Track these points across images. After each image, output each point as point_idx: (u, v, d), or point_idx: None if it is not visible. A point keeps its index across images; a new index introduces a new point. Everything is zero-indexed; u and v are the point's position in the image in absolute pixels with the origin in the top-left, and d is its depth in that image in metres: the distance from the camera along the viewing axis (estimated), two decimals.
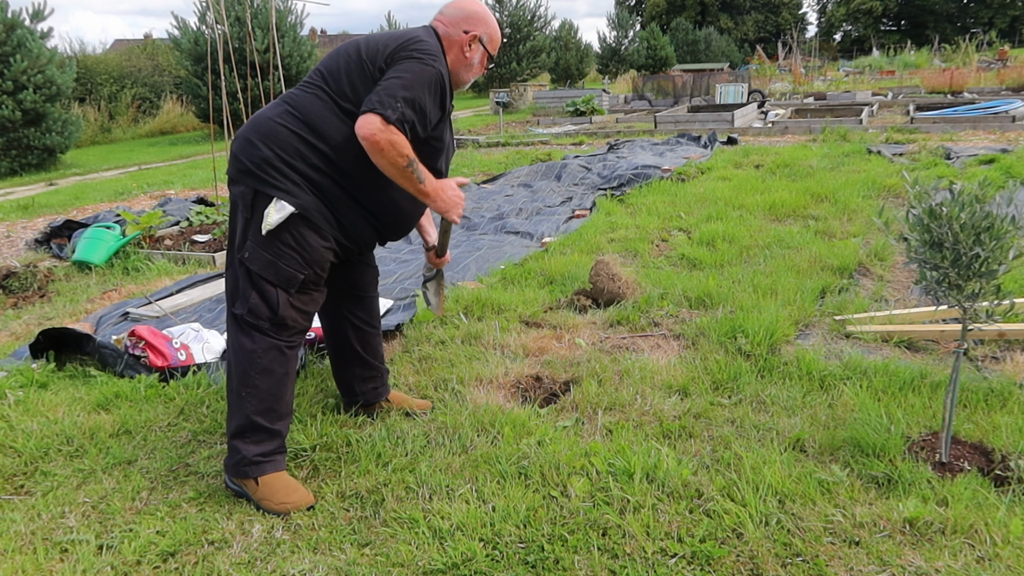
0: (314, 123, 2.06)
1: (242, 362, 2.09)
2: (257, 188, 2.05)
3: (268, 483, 2.08)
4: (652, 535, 1.86)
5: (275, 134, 2.06)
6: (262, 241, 2.04)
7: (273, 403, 2.11)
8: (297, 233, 2.05)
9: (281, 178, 2.04)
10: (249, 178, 2.06)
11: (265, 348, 2.08)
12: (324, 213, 2.09)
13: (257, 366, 2.08)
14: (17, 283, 4.45)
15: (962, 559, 1.73)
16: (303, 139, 2.06)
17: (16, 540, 1.99)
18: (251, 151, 2.06)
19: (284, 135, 2.06)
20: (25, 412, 2.72)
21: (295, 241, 2.05)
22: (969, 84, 16.49)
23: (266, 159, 2.04)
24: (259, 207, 2.05)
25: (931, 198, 1.89)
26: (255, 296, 2.06)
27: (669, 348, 3.07)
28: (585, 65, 29.79)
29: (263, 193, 2.04)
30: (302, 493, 2.09)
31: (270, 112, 2.12)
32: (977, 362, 2.80)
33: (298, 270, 2.06)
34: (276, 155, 2.04)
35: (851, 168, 6.87)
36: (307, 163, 2.06)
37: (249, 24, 7.12)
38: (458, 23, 2.20)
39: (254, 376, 2.08)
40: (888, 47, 37.33)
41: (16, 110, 11.56)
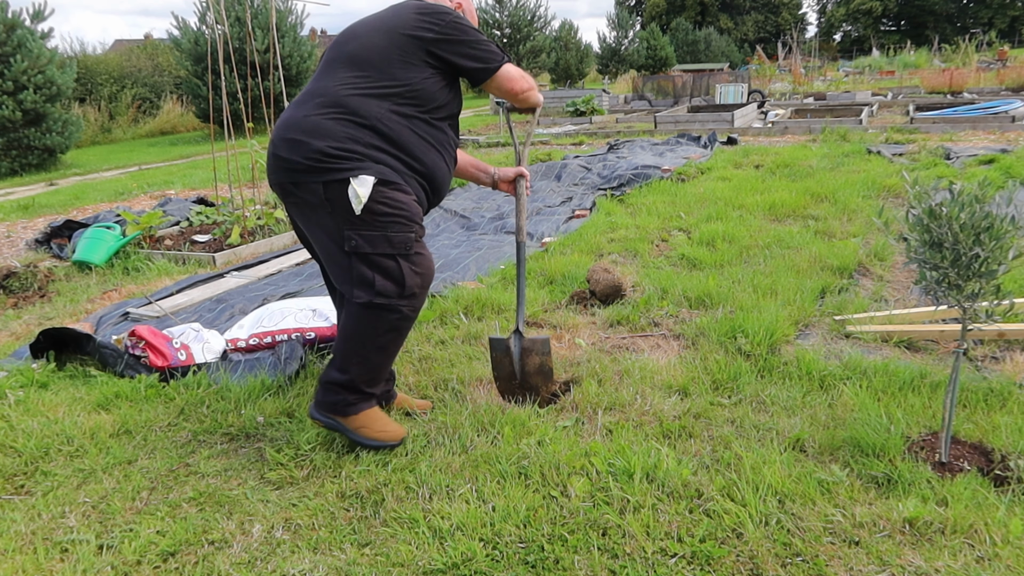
0: (354, 109, 2.11)
1: (362, 340, 2.17)
2: (325, 180, 2.07)
3: (367, 415, 2.24)
4: (652, 535, 1.86)
5: (321, 127, 2.09)
6: (360, 223, 2.07)
7: (378, 374, 2.25)
8: (387, 198, 2.09)
9: (344, 161, 2.07)
10: (312, 174, 2.08)
11: (387, 327, 2.15)
12: (397, 169, 2.15)
13: (376, 345, 2.18)
14: (17, 283, 4.46)
15: (962, 559, 1.73)
16: (350, 123, 2.10)
17: (16, 540, 1.99)
18: (303, 149, 2.08)
19: (330, 126, 2.09)
20: (25, 412, 2.72)
21: (390, 206, 2.09)
22: (969, 84, 16.49)
23: (321, 150, 2.07)
24: (336, 196, 2.07)
25: (931, 198, 1.89)
26: (379, 278, 2.11)
27: (669, 348, 3.07)
28: (585, 65, 29.78)
29: (333, 182, 2.07)
30: (397, 426, 2.30)
31: (304, 111, 2.14)
32: (977, 362, 2.80)
33: (407, 231, 2.12)
34: (330, 145, 2.07)
35: (851, 168, 6.87)
36: (362, 144, 2.10)
37: (249, 24, 7.12)
38: None
39: (371, 353, 2.19)
40: (888, 47, 37.34)
41: (16, 110, 11.56)
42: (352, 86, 2.14)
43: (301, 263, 4.90)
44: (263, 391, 2.78)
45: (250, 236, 5.40)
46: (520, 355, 2.59)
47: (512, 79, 2.32)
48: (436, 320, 3.49)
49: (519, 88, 2.34)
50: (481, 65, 2.24)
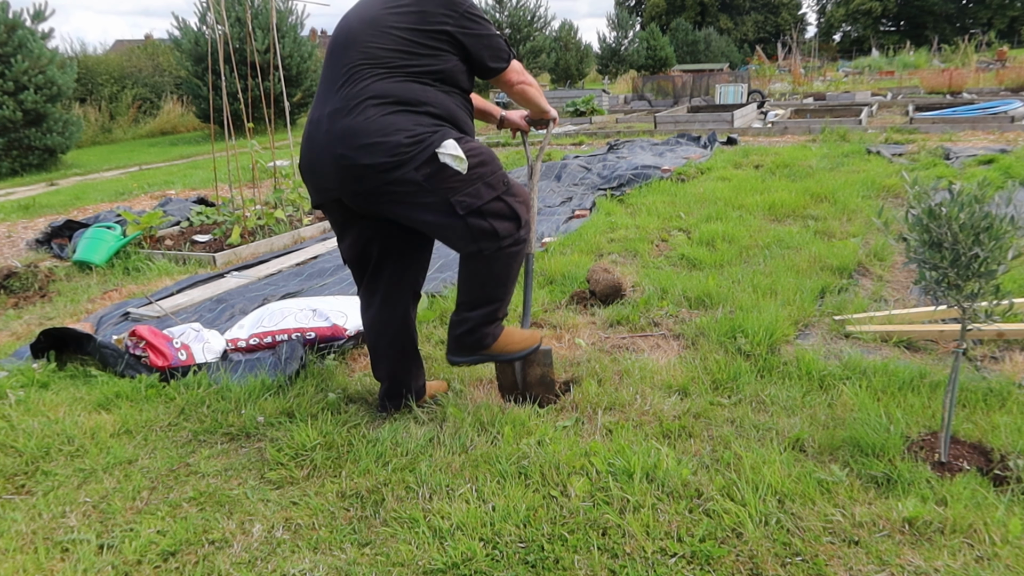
0: (408, 99, 2.16)
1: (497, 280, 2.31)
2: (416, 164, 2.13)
3: (505, 336, 2.43)
4: (652, 535, 1.86)
5: (391, 123, 2.13)
6: (460, 183, 2.16)
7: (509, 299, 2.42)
8: (472, 150, 2.20)
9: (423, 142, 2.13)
10: (403, 167, 2.12)
11: (518, 258, 2.33)
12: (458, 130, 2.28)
13: (511, 275, 2.34)
14: (18, 283, 4.46)
15: (961, 558, 1.73)
16: (409, 112, 2.15)
17: (17, 539, 1.99)
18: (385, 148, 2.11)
19: (396, 120, 2.13)
20: (26, 412, 2.72)
21: (474, 155, 2.19)
22: (968, 84, 16.49)
23: (401, 143, 2.11)
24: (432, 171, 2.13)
25: (930, 198, 1.89)
26: (497, 223, 2.22)
27: (669, 348, 3.07)
28: (585, 65, 29.79)
29: (424, 161, 2.13)
30: (531, 333, 2.52)
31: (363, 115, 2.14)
32: (976, 362, 2.80)
33: (496, 170, 2.26)
34: (406, 135, 2.12)
35: (850, 168, 6.88)
36: (424, 125, 2.16)
37: (249, 24, 7.12)
38: None
39: (509, 285, 2.35)
40: (887, 47, 37.34)
41: (17, 110, 11.57)
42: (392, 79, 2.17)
43: (301, 263, 4.91)
44: (263, 391, 2.78)
45: (250, 236, 5.41)
46: (523, 365, 2.60)
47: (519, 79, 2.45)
48: (436, 320, 3.49)
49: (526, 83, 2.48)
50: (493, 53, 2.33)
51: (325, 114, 2.21)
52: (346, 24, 2.31)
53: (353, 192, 2.21)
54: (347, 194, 2.22)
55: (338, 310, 3.39)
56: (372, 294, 2.51)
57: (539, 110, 2.67)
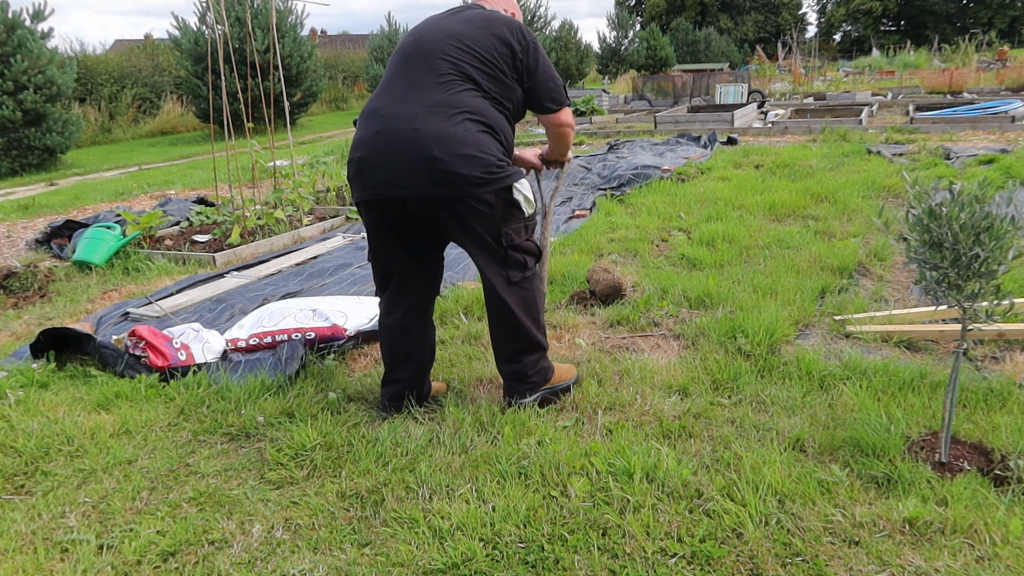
0: (490, 119, 2.29)
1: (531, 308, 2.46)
2: (496, 188, 2.27)
3: (557, 371, 2.62)
4: (652, 535, 1.86)
5: (484, 142, 2.25)
6: (512, 219, 2.35)
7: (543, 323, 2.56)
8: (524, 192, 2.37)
9: (504, 170, 2.30)
10: (487, 185, 2.24)
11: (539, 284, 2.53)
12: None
13: (540, 300, 2.52)
14: (18, 283, 4.46)
15: (961, 559, 1.73)
16: (493, 136, 2.29)
17: (17, 540, 1.99)
18: (481, 163, 2.22)
19: (487, 140, 2.26)
20: (26, 412, 2.72)
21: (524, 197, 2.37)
22: (968, 84, 16.48)
23: (492, 163, 2.25)
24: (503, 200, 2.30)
25: (931, 198, 1.89)
26: (528, 258, 2.44)
27: (669, 348, 3.07)
28: (585, 65, 29.76)
29: (502, 189, 2.29)
30: (569, 366, 2.72)
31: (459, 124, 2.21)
32: (977, 362, 2.80)
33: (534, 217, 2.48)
34: (495, 156, 2.27)
35: (851, 168, 6.87)
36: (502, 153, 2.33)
37: (249, 24, 7.13)
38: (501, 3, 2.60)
39: (540, 310, 2.51)
40: (888, 47, 37.32)
41: (16, 110, 11.56)
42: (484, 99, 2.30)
43: (301, 263, 4.90)
44: (263, 391, 2.78)
45: (250, 236, 5.41)
46: None
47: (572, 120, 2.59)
48: (436, 320, 3.48)
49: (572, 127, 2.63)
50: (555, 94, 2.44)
51: (414, 113, 2.21)
52: (427, 31, 2.37)
53: (427, 196, 2.24)
54: (421, 195, 2.24)
55: (338, 310, 3.39)
56: (399, 300, 2.51)
57: (564, 152, 2.76)
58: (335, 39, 40.18)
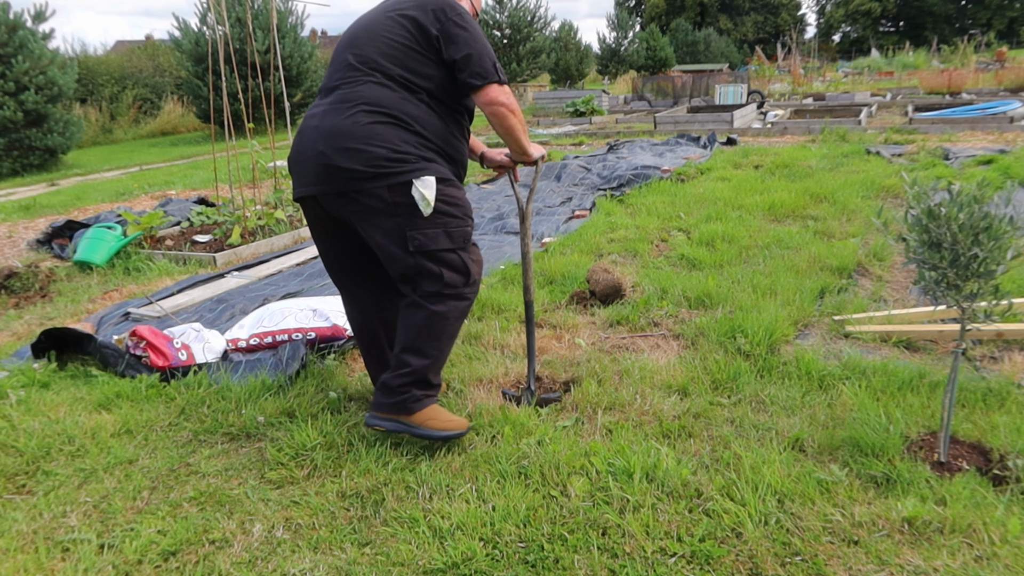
0: (395, 108, 2.16)
1: (430, 333, 2.24)
2: (390, 184, 2.13)
3: (432, 409, 2.29)
4: (652, 534, 1.86)
5: (375, 133, 2.13)
6: (423, 222, 2.16)
7: (443, 362, 2.34)
8: (445, 195, 2.19)
9: (403, 164, 2.14)
10: (377, 180, 2.13)
11: (457, 314, 2.27)
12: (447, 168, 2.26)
13: (447, 333, 2.28)
14: (19, 283, 4.46)
15: (960, 558, 1.74)
16: (399, 127, 2.15)
17: (18, 539, 1.99)
18: (365, 156, 2.12)
19: (382, 131, 2.14)
20: (27, 412, 2.72)
21: (448, 203, 2.19)
22: (967, 85, 16.50)
23: (384, 156, 2.12)
24: (401, 198, 2.14)
25: (929, 198, 1.89)
26: (445, 271, 2.21)
27: (669, 348, 3.07)
28: (585, 66, 29.77)
29: (398, 184, 2.13)
30: (460, 419, 2.34)
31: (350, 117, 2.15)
32: (975, 362, 2.81)
33: (464, 225, 2.24)
34: (388, 149, 2.12)
35: (850, 168, 6.88)
36: (412, 144, 2.17)
37: (250, 25, 7.13)
38: None
39: (443, 341, 2.27)
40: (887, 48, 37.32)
41: (18, 111, 11.57)
42: (390, 87, 2.18)
43: (302, 263, 4.91)
44: (264, 391, 2.78)
45: (250, 236, 5.41)
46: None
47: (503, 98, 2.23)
48: None
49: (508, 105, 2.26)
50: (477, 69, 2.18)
51: (318, 112, 2.23)
52: (351, 26, 2.33)
53: (321, 192, 2.22)
54: (317, 192, 2.23)
55: (338, 310, 3.39)
56: (352, 299, 2.52)
57: (518, 148, 2.42)
58: (335, 40, 40.19)
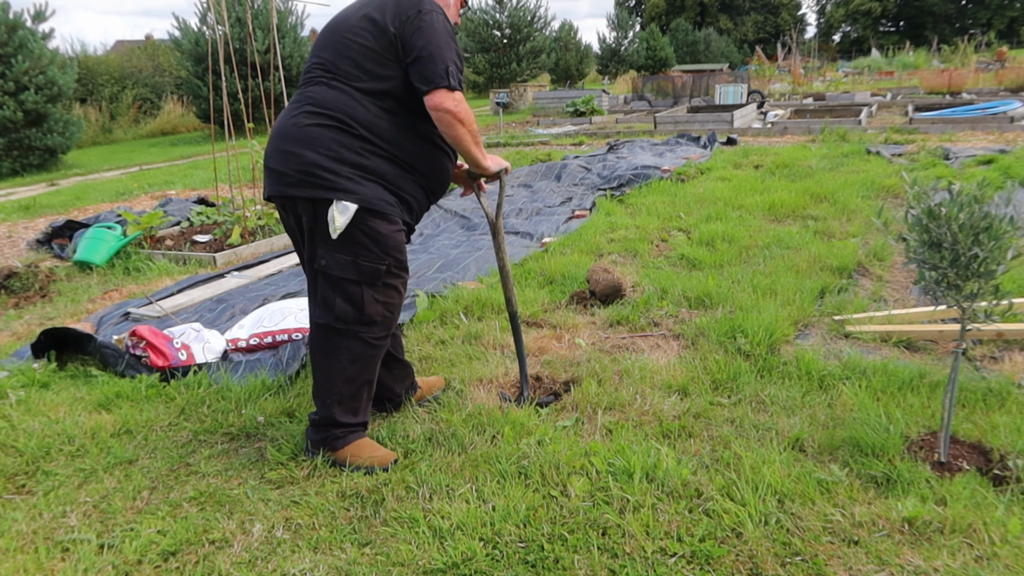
0: (341, 111, 2.05)
1: (328, 370, 2.17)
2: (314, 196, 2.03)
3: (355, 446, 2.24)
4: (652, 534, 1.86)
5: (311, 136, 2.04)
6: (336, 245, 2.04)
7: (354, 404, 2.22)
8: (366, 227, 2.05)
9: (335, 177, 2.02)
10: (303, 187, 2.04)
11: (352, 358, 2.14)
12: (385, 197, 2.08)
13: (343, 375, 2.16)
14: (19, 283, 4.46)
15: (961, 558, 1.73)
16: (339, 129, 2.04)
17: (18, 539, 1.99)
18: (294, 161, 2.04)
19: (319, 134, 2.04)
20: (27, 412, 2.72)
21: (367, 235, 2.05)
22: (967, 85, 16.49)
23: (313, 162, 2.02)
24: (321, 214, 2.03)
25: (930, 198, 1.89)
26: (340, 301, 2.09)
27: (669, 348, 3.07)
28: (585, 66, 29.77)
29: (320, 200, 2.03)
30: (385, 451, 2.26)
31: (292, 119, 2.09)
32: (976, 362, 2.81)
33: (378, 262, 2.08)
34: (321, 155, 2.02)
35: (850, 168, 6.88)
36: (352, 150, 2.05)
37: (250, 25, 7.13)
38: None
39: (339, 384, 2.17)
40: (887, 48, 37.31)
41: (18, 111, 11.57)
42: (339, 88, 2.07)
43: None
44: (264, 391, 2.78)
45: (250, 236, 5.41)
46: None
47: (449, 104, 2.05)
48: (436, 320, 3.49)
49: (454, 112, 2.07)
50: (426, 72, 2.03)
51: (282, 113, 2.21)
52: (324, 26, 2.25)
53: (269, 194, 2.15)
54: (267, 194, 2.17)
55: None
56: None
57: (470, 160, 2.25)
58: None
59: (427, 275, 4.28)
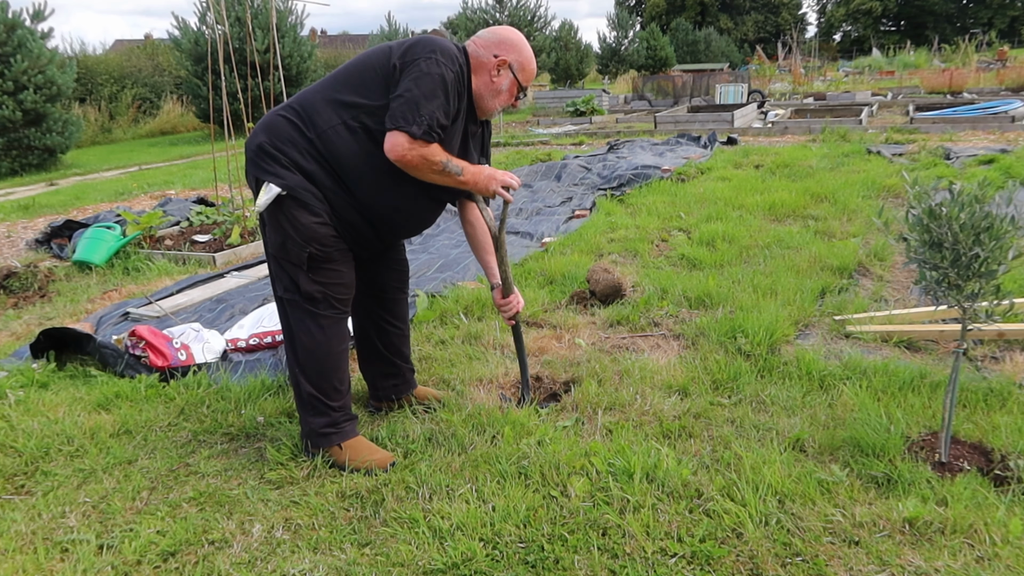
0: (308, 112, 2.15)
1: (290, 343, 2.26)
2: (256, 175, 2.16)
3: (348, 447, 2.27)
4: (652, 535, 1.86)
5: (273, 124, 2.17)
6: (270, 227, 2.18)
7: (320, 380, 2.24)
8: (289, 213, 2.13)
9: (271, 163, 2.13)
10: (250, 166, 2.19)
11: (305, 329, 2.21)
12: (311, 190, 2.14)
13: (301, 345, 2.22)
14: (18, 283, 4.46)
15: (961, 559, 1.73)
16: (295, 126, 2.14)
17: (17, 540, 1.99)
18: (251, 141, 2.19)
19: (280, 124, 2.16)
20: (26, 412, 2.72)
21: (289, 222, 2.13)
22: (968, 84, 16.49)
23: (260, 145, 2.15)
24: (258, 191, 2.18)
25: (931, 198, 1.89)
26: (285, 276, 2.21)
27: (669, 348, 3.07)
28: (585, 65, 29.75)
29: (258, 179, 2.16)
30: (383, 453, 2.28)
31: (278, 107, 2.23)
32: (976, 362, 2.80)
33: (300, 248, 2.14)
34: (269, 142, 2.15)
35: (851, 168, 6.87)
36: (296, 148, 2.14)
37: (249, 24, 7.13)
38: (490, 46, 2.19)
39: (300, 355, 2.23)
40: (888, 47, 37.32)
41: (17, 110, 11.56)
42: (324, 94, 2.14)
43: None
44: (263, 391, 2.78)
45: (250, 236, 5.40)
46: None
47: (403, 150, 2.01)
48: (436, 320, 3.49)
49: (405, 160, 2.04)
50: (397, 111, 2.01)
51: None
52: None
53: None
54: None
55: None
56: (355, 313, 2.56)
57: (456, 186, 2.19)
58: (335, 39, 40.17)
59: (427, 275, 4.28)
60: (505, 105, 2.27)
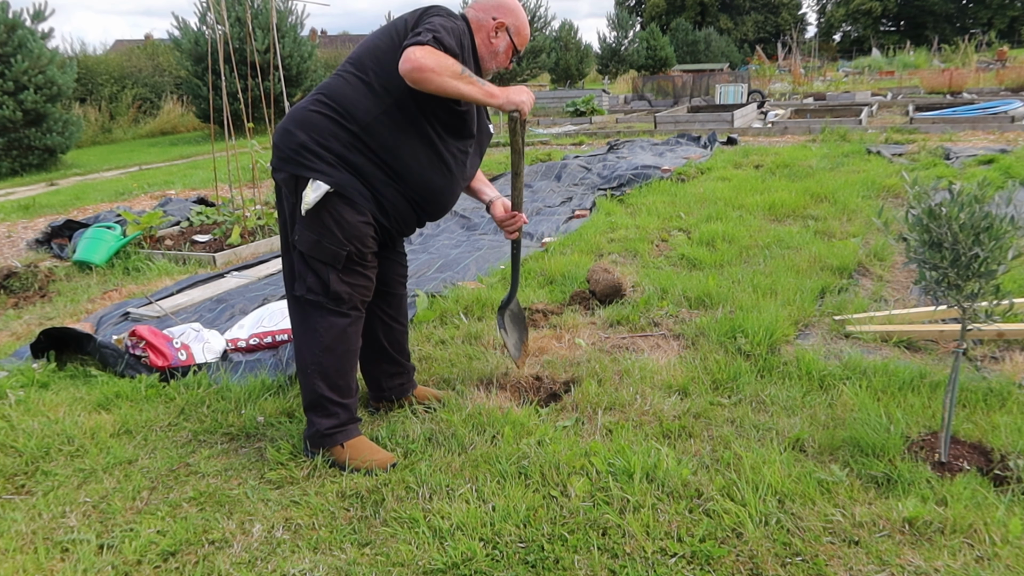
0: (344, 105, 2.15)
1: (307, 342, 2.25)
2: (297, 173, 2.15)
3: (349, 446, 2.27)
4: (652, 535, 1.86)
5: (309, 120, 2.16)
6: (306, 222, 2.15)
7: (337, 379, 2.26)
8: (334, 211, 2.14)
9: (316, 160, 2.13)
10: (289, 165, 2.16)
11: (327, 327, 2.22)
12: (359, 188, 2.17)
13: (320, 343, 2.22)
14: (18, 283, 4.46)
15: (961, 559, 1.73)
16: (335, 121, 2.15)
17: (17, 539, 1.99)
18: (289, 139, 2.17)
19: (317, 120, 2.15)
20: (26, 412, 2.72)
21: (333, 219, 2.14)
22: (968, 84, 16.50)
23: (302, 143, 2.14)
24: (300, 191, 2.15)
25: (930, 198, 1.89)
26: (311, 275, 2.20)
27: (669, 348, 3.07)
28: (585, 65, 29.75)
29: (302, 177, 2.14)
30: (385, 453, 2.27)
31: (304, 103, 2.22)
32: (976, 362, 2.80)
33: (339, 247, 2.16)
34: (311, 139, 2.13)
35: (850, 168, 6.88)
36: (340, 142, 2.14)
37: (249, 24, 7.12)
38: (488, 9, 2.26)
39: (318, 354, 2.23)
40: (887, 47, 37.33)
41: (17, 110, 11.57)
42: (353, 82, 2.16)
43: None
44: (263, 391, 2.78)
45: (250, 236, 5.41)
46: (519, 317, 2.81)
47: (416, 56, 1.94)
48: (436, 320, 3.49)
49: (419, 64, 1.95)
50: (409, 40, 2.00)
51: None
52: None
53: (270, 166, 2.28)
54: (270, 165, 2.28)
55: None
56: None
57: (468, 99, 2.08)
58: (335, 39, 40.16)
59: (427, 275, 4.28)
60: (501, 67, 2.34)
